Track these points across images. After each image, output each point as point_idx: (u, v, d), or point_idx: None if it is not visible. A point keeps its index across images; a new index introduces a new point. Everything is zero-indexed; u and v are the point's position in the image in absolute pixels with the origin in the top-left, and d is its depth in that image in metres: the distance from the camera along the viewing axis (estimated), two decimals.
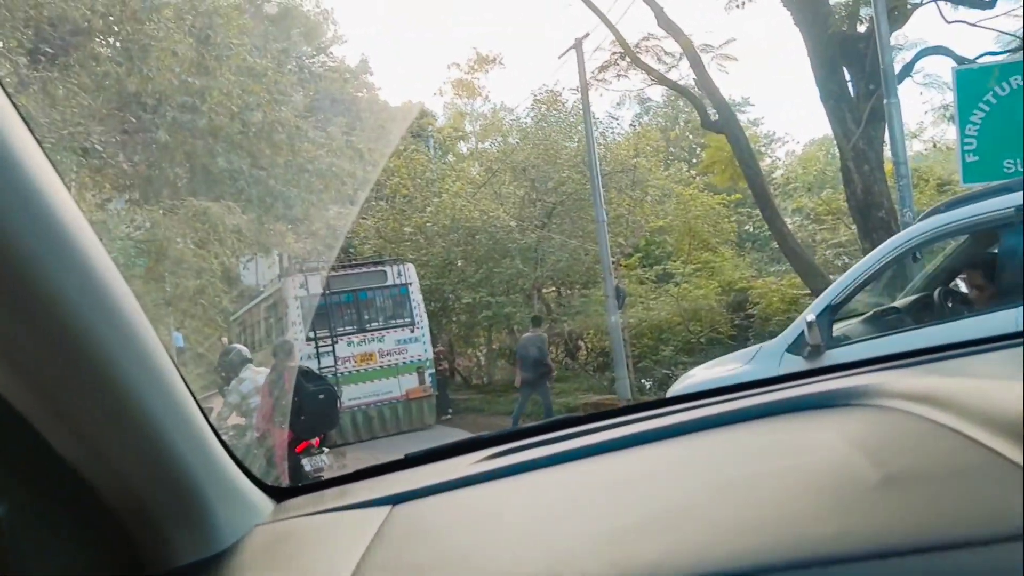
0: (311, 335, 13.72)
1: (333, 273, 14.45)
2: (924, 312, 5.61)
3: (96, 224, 10.64)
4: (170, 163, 13.66)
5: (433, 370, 15.25)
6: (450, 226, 18.69)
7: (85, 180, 13.99)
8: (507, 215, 18.81)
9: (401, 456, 1.37)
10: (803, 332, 5.23)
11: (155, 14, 10.98)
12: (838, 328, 5.58)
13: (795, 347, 5.35)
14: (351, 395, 13.90)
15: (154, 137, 12.44)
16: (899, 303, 6.05)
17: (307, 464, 6.56)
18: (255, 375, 7.25)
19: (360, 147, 15.05)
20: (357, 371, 14.23)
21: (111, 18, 10.91)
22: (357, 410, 14.10)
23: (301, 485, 1.34)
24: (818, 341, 5.09)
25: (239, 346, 8.16)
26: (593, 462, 1.10)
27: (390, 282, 14.81)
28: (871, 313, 5.93)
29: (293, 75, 20.60)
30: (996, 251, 5.22)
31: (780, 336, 5.73)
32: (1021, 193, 4.77)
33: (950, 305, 5.57)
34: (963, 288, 5.57)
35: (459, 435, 13.75)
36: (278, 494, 1.24)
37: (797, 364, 5.17)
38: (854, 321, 5.94)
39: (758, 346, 5.98)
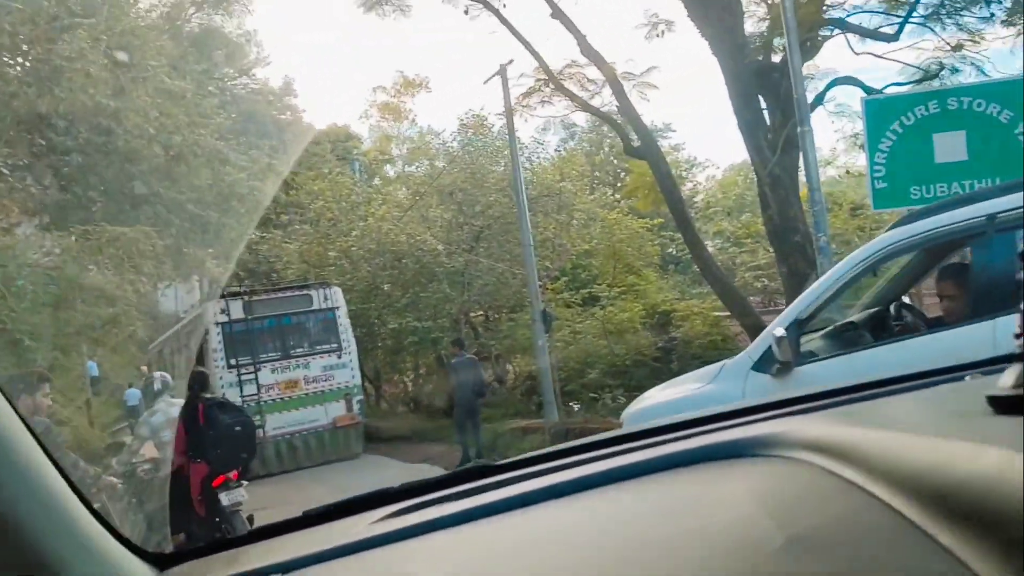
0: (233, 362, 13.32)
1: (256, 298, 14.04)
2: (881, 327, 5.40)
3: (3, 250, 10.21)
4: (83, 187, 13.25)
5: (361, 397, 14.94)
6: (376, 250, 18.52)
7: None
8: (434, 239, 18.74)
9: (303, 511, 1.32)
10: (770, 348, 4.86)
11: (67, 34, 10.65)
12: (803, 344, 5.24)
13: (762, 364, 4.97)
14: (275, 424, 13.53)
15: (66, 160, 12.05)
16: (857, 318, 5.79)
17: (224, 498, 6.31)
18: (168, 407, 6.98)
19: (281, 170, 14.79)
20: (281, 399, 13.81)
21: (20, 37, 10.54)
22: (281, 439, 13.67)
23: (188, 551, 1.26)
24: (788, 357, 4.74)
25: (161, 374, 7.83)
26: (500, 520, 1.06)
27: (316, 306, 14.42)
28: (831, 328, 5.57)
29: (214, 97, 20.24)
30: (966, 262, 5.06)
31: (744, 353, 5.38)
32: (987, 203, 4.67)
33: (907, 320, 5.48)
34: (914, 302, 5.55)
35: (387, 464, 13.54)
36: (160, 561, 1.15)
37: (763, 384, 4.81)
38: (816, 336, 5.56)
39: (721, 364, 5.55)
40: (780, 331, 4.85)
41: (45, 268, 9.65)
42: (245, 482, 6.78)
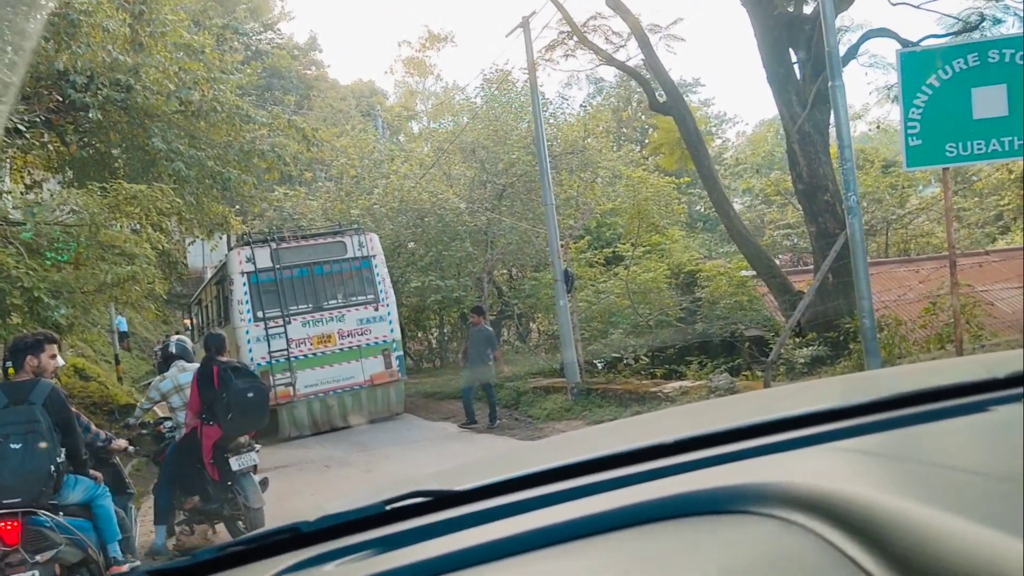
0: (260, 315, 12.67)
1: (284, 245, 13.25)
2: None
3: (25, 207, 10.21)
4: (103, 144, 13.18)
5: (401, 352, 14.02)
6: (399, 208, 18.42)
7: (17, 161, 13.47)
8: (457, 197, 18.60)
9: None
10: None
11: None
12: None
13: None
14: (307, 382, 12.86)
15: (86, 116, 11.98)
16: None
17: (235, 462, 6.35)
18: (178, 373, 7.00)
19: (304, 126, 14.59)
20: (314, 354, 13.01)
21: None
22: (314, 398, 12.97)
23: None
24: None
25: (178, 339, 7.80)
26: None
27: (350, 254, 13.53)
28: None
29: (237, 52, 20.07)
30: None
31: None
32: None
33: None
34: None
35: (409, 421, 13.56)
36: None
37: None
38: None
39: None
40: None
41: (65, 226, 9.63)
42: (259, 446, 6.81)
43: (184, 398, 6.79)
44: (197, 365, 6.81)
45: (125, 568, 4.73)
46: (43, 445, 4.41)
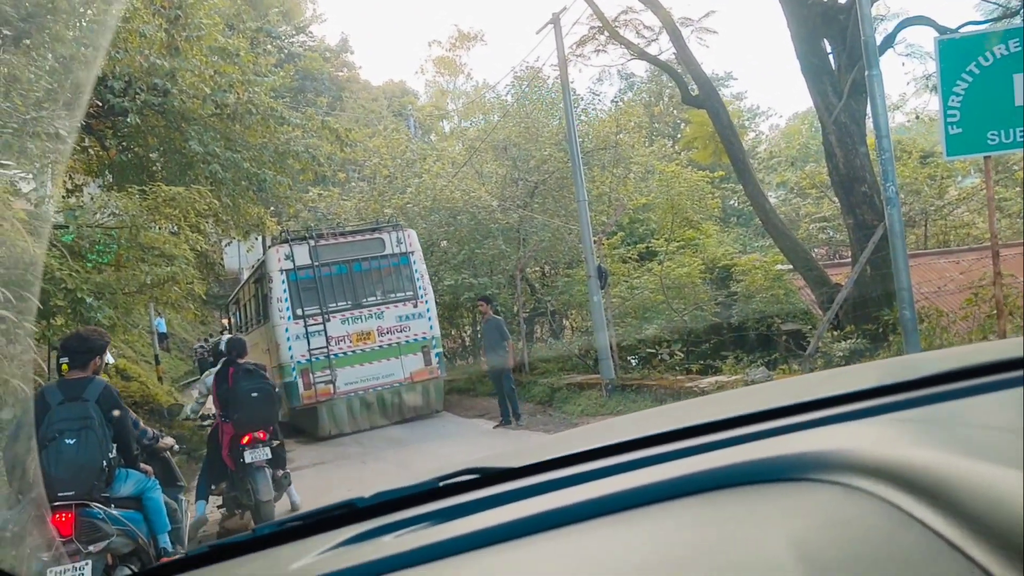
0: (299, 312, 12.70)
1: (323, 242, 13.26)
2: None
3: (67, 211, 10.42)
4: (142, 147, 13.40)
5: (440, 349, 13.97)
6: (431, 207, 18.49)
7: (59, 166, 13.76)
8: (489, 195, 18.63)
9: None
10: None
11: None
12: None
13: None
14: (347, 379, 12.83)
15: (124, 121, 12.19)
16: None
17: (248, 456, 6.74)
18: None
19: (337, 127, 14.71)
20: (353, 352, 13.02)
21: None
22: (354, 396, 12.94)
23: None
24: None
25: (223, 338, 8.30)
26: (486, 555, 0.89)
27: (389, 251, 13.51)
28: None
29: (271, 55, 20.29)
30: None
31: None
32: None
33: None
34: None
35: (443, 418, 13.60)
36: None
37: None
38: None
39: None
40: None
41: (106, 228, 9.82)
42: (276, 442, 7.13)
43: None
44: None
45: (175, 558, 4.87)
46: (96, 441, 4.58)
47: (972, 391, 1.05)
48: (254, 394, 6.78)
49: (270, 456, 6.93)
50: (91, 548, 4.43)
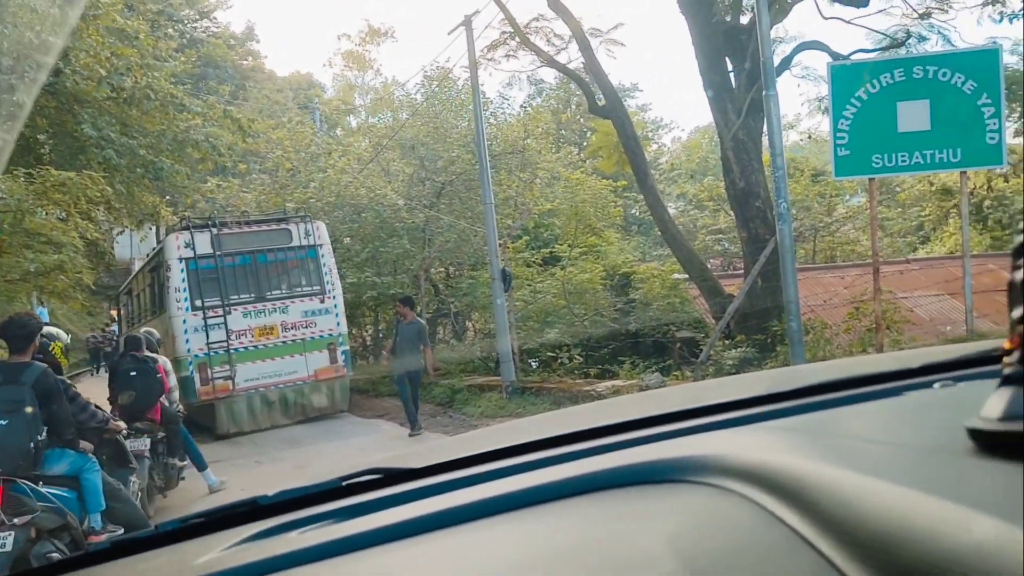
0: (198, 303, 12.07)
1: (227, 230, 12.65)
2: None
3: None
4: (31, 129, 12.76)
5: (347, 347, 13.54)
6: (335, 203, 18.22)
7: None
8: (395, 193, 18.50)
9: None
10: None
11: None
12: None
13: None
14: (247, 375, 12.30)
15: (12, 100, 11.58)
16: None
17: (129, 444, 6.68)
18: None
19: (239, 117, 14.34)
20: (255, 347, 12.49)
21: None
22: (255, 393, 12.40)
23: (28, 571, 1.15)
24: None
25: (146, 330, 8.43)
26: (376, 554, 0.93)
27: (296, 242, 12.96)
28: None
29: (172, 40, 19.62)
30: None
31: None
32: None
33: None
34: None
35: (343, 419, 13.41)
36: None
37: None
38: None
39: None
40: None
41: None
42: (160, 433, 7.31)
43: None
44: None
45: (102, 537, 5.06)
46: (25, 423, 4.90)
47: (842, 402, 1.16)
48: (132, 372, 6.97)
49: (147, 445, 6.95)
50: (16, 521, 4.69)
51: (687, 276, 13.92)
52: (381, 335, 22.22)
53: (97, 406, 5.97)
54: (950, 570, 0.50)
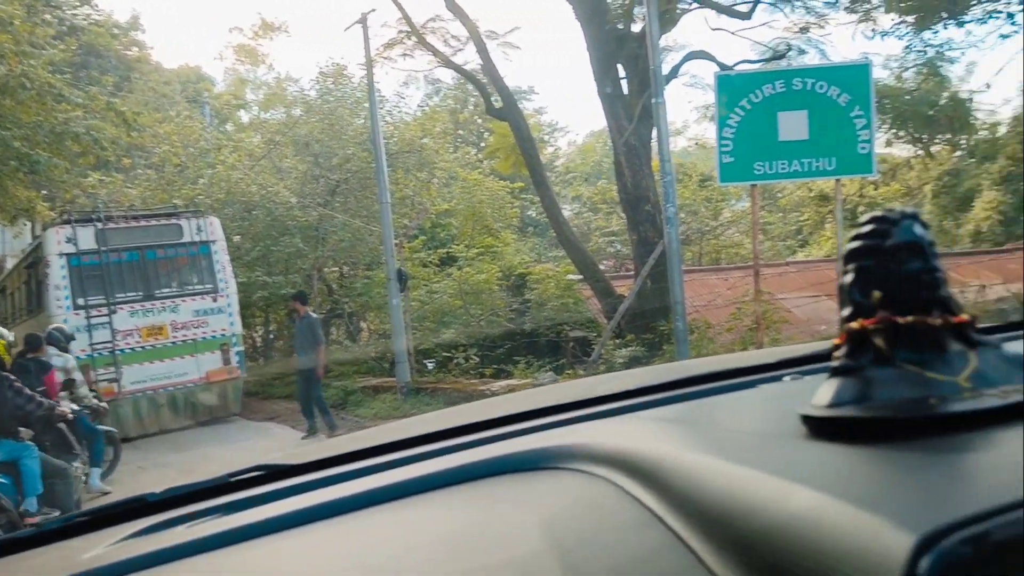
0: (80, 302, 11.48)
1: (112, 225, 12.04)
2: None
3: None
4: None
5: (241, 347, 13.11)
6: (225, 199, 17.72)
7: None
8: (288, 191, 18.15)
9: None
10: None
11: None
12: None
13: None
14: (135, 378, 11.75)
15: None
16: None
17: None
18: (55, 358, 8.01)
19: (124, 109, 13.77)
20: (142, 348, 11.95)
21: None
22: (142, 396, 11.85)
23: None
24: None
25: (54, 327, 8.63)
26: (267, 542, 0.96)
27: (187, 238, 12.40)
28: None
29: (50, 26, 18.64)
30: None
31: None
32: None
33: None
34: None
35: (231, 422, 13.07)
36: None
37: None
38: None
39: None
40: None
41: None
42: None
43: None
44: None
45: (37, 519, 5.38)
46: None
47: (704, 394, 1.26)
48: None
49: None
50: None
51: (581, 277, 14.20)
52: (272, 336, 21.78)
53: (41, 394, 6.25)
54: (774, 537, 0.58)
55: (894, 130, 17.02)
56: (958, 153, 21.10)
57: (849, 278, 0.82)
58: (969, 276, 12.67)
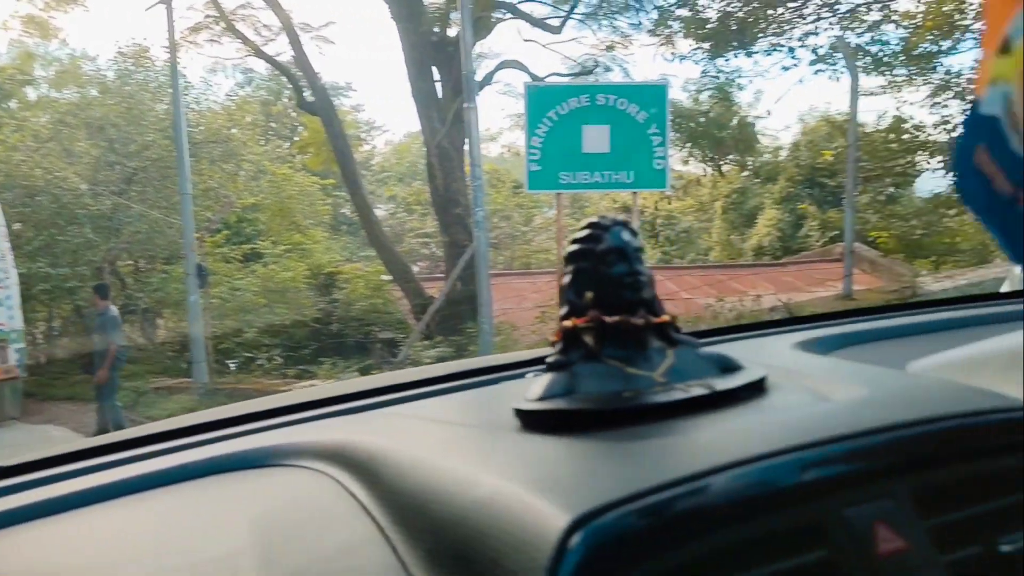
0: None
1: None
2: None
3: None
4: None
5: (22, 344, 11.80)
6: (4, 183, 16.18)
7: None
8: (78, 177, 16.81)
9: None
10: None
11: None
12: None
13: None
14: None
15: None
16: None
17: None
18: None
19: None
20: None
21: None
22: None
23: None
24: None
25: None
26: None
27: None
28: None
29: None
30: None
31: None
32: None
33: None
34: None
35: (16, 428, 11.96)
36: None
37: None
38: None
39: None
40: None
41: None
42: None
43: None
44: None
45: None
46: None
47: (450, 391, 1.29)
48: None
49: None
50: None
51: (392, 278, 14.16)
52: (55, 332, 20.13)
53: None
54: (458, 523, 0.62)
55: (689, 148, 18.22)
56: (745, 173, 22.89)
57: (567, 279, 0.89)
58: (747, 286, 13.74)
